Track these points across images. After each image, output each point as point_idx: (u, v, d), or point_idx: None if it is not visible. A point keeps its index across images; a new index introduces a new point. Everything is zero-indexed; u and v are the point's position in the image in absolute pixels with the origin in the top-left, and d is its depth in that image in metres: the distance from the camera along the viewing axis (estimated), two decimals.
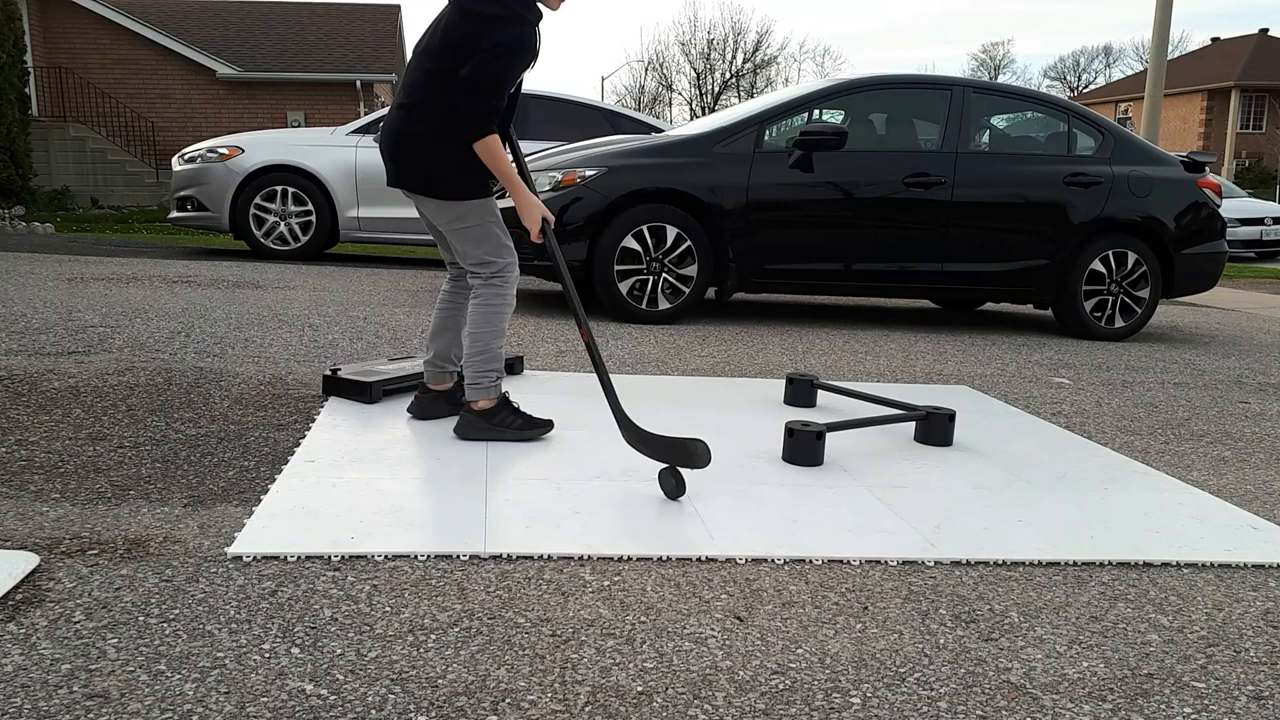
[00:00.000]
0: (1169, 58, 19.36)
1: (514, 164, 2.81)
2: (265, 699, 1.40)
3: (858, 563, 2.05)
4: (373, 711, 1.38)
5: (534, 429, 2.85)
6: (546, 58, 79.06)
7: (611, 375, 3.83)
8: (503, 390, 2.84)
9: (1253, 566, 2.18)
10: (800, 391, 3.48)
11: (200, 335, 4.06)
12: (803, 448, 2.71)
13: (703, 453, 2.35)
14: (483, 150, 2.69)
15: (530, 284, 6.98)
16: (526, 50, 2.71)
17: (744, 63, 44.14)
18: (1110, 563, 2.14)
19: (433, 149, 2.76)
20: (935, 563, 2.08)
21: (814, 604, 1.84)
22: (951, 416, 3.07)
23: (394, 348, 4.06)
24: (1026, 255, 5.62)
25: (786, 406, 3.44)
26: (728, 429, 3.06)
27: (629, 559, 1.99)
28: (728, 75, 44.23)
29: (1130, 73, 45.90)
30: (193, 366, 3.46)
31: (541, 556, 1.97)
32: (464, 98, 2.65)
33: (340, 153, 7.70)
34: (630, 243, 5.15)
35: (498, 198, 3.03)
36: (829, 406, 3.44)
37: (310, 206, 7.66)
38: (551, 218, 2.85)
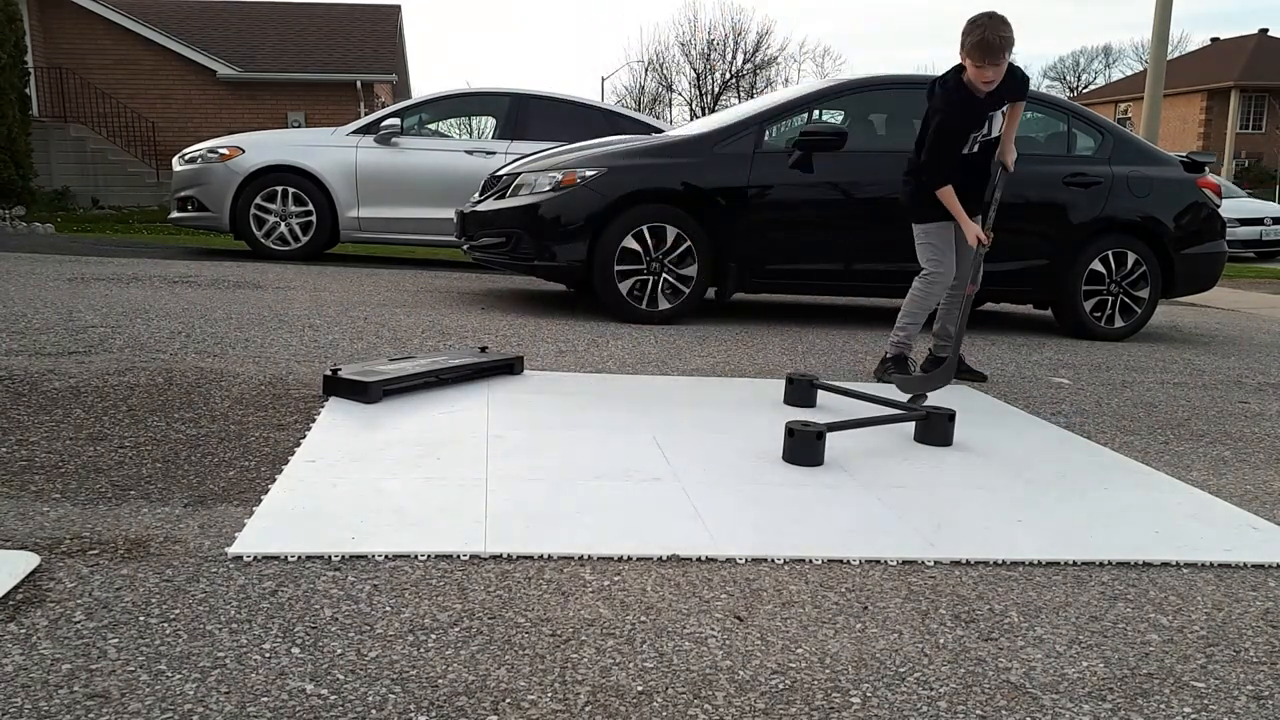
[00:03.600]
0: (1169, 58, 19.36)
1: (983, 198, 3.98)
2: (266, 699, 1.40)
3: (858, 562, 2.05)
4: (373, 711, 1.39)
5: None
6: (546, 58, 78.86)
7: (610, 375, 3.84)
8: (904, 353, 4.06)
9: (1253, 566, 2.18)
10: (800, 391, 3.48)
11: (201, 335, 4.07)
12: (803, 448, 2.71)
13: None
14: (940, 196, 3.85)
15: (530, 284, 6.98)
16: (952, 121, 3.81)
17: (744, 63, 44.16)
18: (1110, 563, 2.14)
19: (904, 188, 4.10)
20: (935, 563, 2.08)
21: (814, 604, 1.84)
22: (951, 416, 3.07)
23: (394, 348, 4.07)
24: (1026, 255, 5.61)
25: (787, 406, 3.44)
26: (728, 429, 3.06)
27: (629, 559, 1.99)
28: (728, 76, 44.24)
29: (1130, 73, 45.92)
30: (193, 367, 3.46)
31: (541, 556, 1.97)
32: (924, 161, 3.90)
33: (341, 153, 7.70)
34: (630, 243, 5.15)
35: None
36: (828, 406, 3.44)
37: (310, 207, 7.66)
38: (986, 241, 3.85)
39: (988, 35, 3.61)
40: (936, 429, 3.05)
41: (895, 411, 3.14)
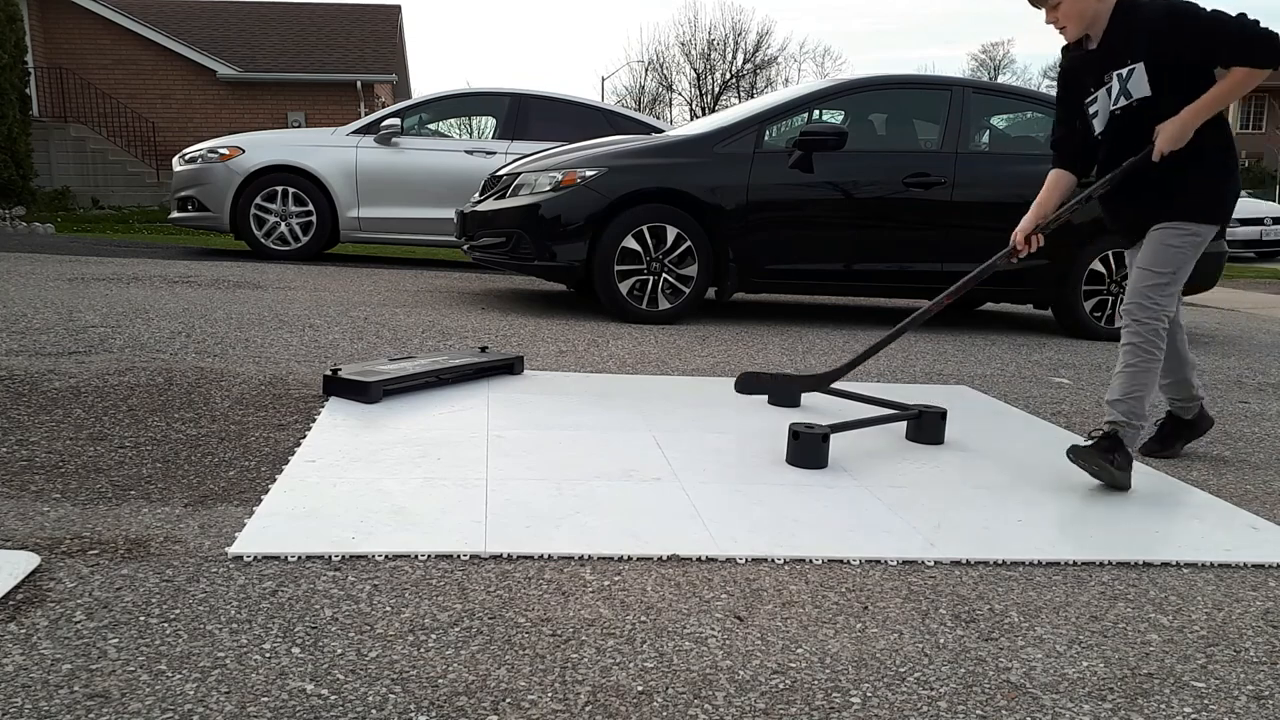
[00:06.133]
0: None
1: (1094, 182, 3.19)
2: (266, 699, 1.40)
3: (858, 563, 2.05)
4: (373, 711, 1.39)
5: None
6: (546, 58, 78.90)
7: (610, 375, 3.84)
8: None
9: (1253, 566, 2.18)
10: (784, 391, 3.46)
11: (201, 335, 4.07)
12: (807, 450, 2.70)
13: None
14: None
15: (530, 284, 6.98)
16: (1059, 83, 3.16)
17: (744, 63, 44.14)
18: (1110, 563, 2.14)
19: None
20: (935, 562, 2.08)
21: (814, 604, 1.84)
22: (943, 415, 3.08)
23: (394, 348, 4.07)
24: (1026, 255, 5.60)
25: (787, 407, 3.43)
26: (728, 429, 3.06)
27: (629, 559, 1.99)
28: (728, 75, 44.23)
29: None
30: (193, 366, 3.46)
31: (541, 556, 1.97)
32: None
33: (341, 153, 7.71)
34: (630, 243, 5.15)
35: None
36: (816, 406, 3.44)
37: (311, 207, 7.66)
38: (1019, 251, 3.33)
39: None
40: (928, 428, 3.05)
41: (890, 411, 3.14)
